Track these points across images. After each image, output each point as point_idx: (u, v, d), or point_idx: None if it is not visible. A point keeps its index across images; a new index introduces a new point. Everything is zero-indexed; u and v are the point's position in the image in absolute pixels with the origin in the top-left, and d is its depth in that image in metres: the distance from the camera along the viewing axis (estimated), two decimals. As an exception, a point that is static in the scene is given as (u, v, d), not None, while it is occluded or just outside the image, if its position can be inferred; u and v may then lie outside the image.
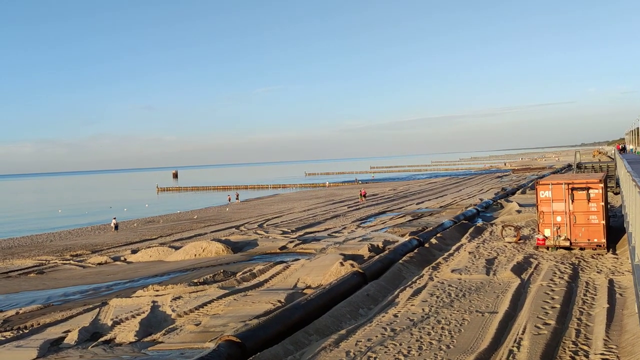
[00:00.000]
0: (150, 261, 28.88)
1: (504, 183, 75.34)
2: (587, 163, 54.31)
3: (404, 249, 22.38)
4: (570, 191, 21.17)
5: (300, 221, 44.01)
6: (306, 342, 12.52)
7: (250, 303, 17.24)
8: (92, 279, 25.13)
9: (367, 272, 18.24)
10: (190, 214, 61.47)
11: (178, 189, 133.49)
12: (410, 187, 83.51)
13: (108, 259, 30.22)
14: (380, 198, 64.05)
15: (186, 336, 14.31)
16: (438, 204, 49.32)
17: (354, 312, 14.80)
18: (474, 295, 15.55)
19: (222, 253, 27.95)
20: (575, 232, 21.12)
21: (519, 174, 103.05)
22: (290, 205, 62.98)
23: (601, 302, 13.99)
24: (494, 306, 14.33)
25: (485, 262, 19.74)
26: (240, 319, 15.53)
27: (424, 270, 19.61)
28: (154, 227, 49.06)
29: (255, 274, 22.19)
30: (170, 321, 16.62)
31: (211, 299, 18.31)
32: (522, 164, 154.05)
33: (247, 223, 46.17)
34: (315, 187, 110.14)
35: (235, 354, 10.88)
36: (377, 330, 12.91)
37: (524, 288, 16.02)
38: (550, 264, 19.02)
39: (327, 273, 20.24)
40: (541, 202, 21.71)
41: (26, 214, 79.54)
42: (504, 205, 42.34)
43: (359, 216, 44.18)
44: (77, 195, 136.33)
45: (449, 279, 17.68)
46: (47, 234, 49.30)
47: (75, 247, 38.33)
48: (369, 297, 16.06)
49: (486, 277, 17.52)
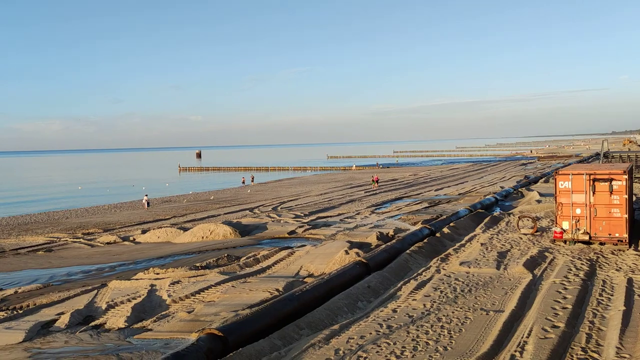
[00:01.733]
0: (157, 242, 28.50)
1: (527, 171, 73.46)
2: (616, 152, 52.31)
3: (414, 238, 21.48)
4: (591, 182, 19.96)
5: (315, 205, 43.32)
6: (296, 337, 11.81)
7: (248, 291, 16.62)
8: (98, 259, 24.84)
9: (371, 262, 17.43)
10: (207, 195, 61.31)
11: (200, 169, 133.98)
12: (432, 172, 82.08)
13: (117, 238, 29.95)
14: (399, 183, 62.96)
15: (175, 324, 13.74)
16: (457, 191, 48.09)
17: (352, 305, 14.05)
18: (481, 291, 14.64)
19: (229, 236, 27.41)
20: (595, 225, 19.95)
21: (544, 161, 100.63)
22: (308, 189, 62.30)
23: (617, 304, 12.98)
24: (501, 304, 13.42)
25: (497, 255, 18.75)
26: (234, 307, 14.92)
27: (432, 261, 18.72)
28: (169, 207, 48.93)
29: (258, 259, 21.58)
30: (164, 307, 16.10)
31: (209, 284, 17.75)
32: (549, 152, 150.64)
33: (261, 205, 45.65)
34: (337, 170, 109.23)
35: (215, 349, 10.23)
36: (372, 327, 12.14)
37: (535, 285, 15.04)
38: (566, 259, 17.96)
39: (331, 261, 19.50)
40: (560, 193, 20.55)
41: (47, 190, 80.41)
42: (525, 194, 40.95)
43: (374, 202, 43.27)
44: (101, 173, 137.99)
45: (457, 272, 16.78)
46: (64, 211, 49.56)
47: (89, 225, 38.28)
48: (370, 289, 15.28)
49: (496, 272, 16.57)
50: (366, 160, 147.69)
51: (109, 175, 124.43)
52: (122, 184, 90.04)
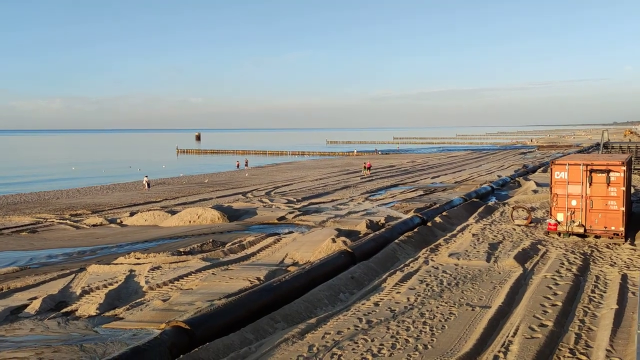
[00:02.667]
0: (144, 225, 27.89)
1: (526, 160, 72.76)
2: (616, 143, 51.48)
3: (404, 227, 20.85)
4: (588, 173, 19.27)
5: (309, 190, 42.69)
6: (270, 331, 11.21)
7: (228, 279, 16.01)
8: (81, 242, 24.24)
9: (357, 252, 16.81)
10: (202, 178, 60.70)
11: (198, 152, 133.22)
12: (430, 159, 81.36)
13: (104, 220, 29.35)
14: (396, 170, 62.28)
15: (147, 314, 13.14)
16: (454, 179, 47.43)
17: (333, 297, 13.44)
18: (469, 285, 14.03)
19: (217, 221, 26.78)
20: (591, 218, 19.30)
21: (544, 151, 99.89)
22: (304, 174, 61.66)
23: (610, 302, 12.37)
24: (488, 299, 12.81)
25: (488, 246, 18.11)
26: (211, 296, 14.31)
27: (420, 252, 18.10)
28: (162, 189, 48.32)
29: (244, 245, 20.97)
30: (140, 294, 15.51)
31: (189, 271, 17.15)
32: (549, 141, 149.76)
33: (255, 190, 45.03)
34: (335, 155, 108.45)
35: (180, 343, 9.62)
36: (351, 321, 11.53)
37: (525, 279, 14.42)
38: (559, 252, 17.33)
39: (317, 249, 18.89)
40: (555, 184, 19.86)
41: (40, 170, 79.70)
42: (522, 183, 40.28)
43: (369, 188, 42.61)
44: (98, 154, 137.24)
45: (445, 264, 16.16)
46: (55, 192, 48.94)
47: (78, 206, 37.67)
48: (353, 280, 14.67)
49: (486, 265, 15.95)
50: (366, 146, 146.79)
51: (106, 156, 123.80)
52: (119, 165, 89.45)
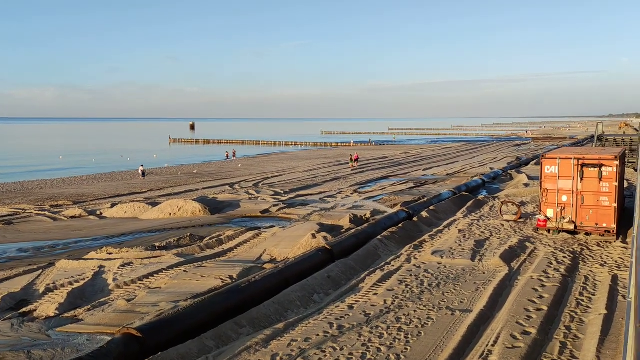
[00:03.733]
0: (123, 217, 27.03)
1: (520, 152, 72.06)
2: (610, 136, 50.80)
3: (388, 222, 20.06)
4: (579, 168, 18.50)
5: (298, 182, 41.87)
6: (233, 337, 10.42)
7: (199, 277, 15.22)
8: (55, 235, 23.37)
9: (337, 249, 16.02)
10: (191, 168, 59.83)
11: (190, 141, 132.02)
12: (424, 151, 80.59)
13: (83, 212, 28.46)
14: (388, 162, 61.49)
15: (107, 316, 12.33)
16: (446, 171, 46.67)
17: (306, 299, 12.66)
18: (450, 285, 13.27)
19: (198, 214, 25.95)
20: (581, 214, 18.55)
21: (539, 143, 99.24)
22: (295, 164, 60.82)
23: (598, 306, 11.63)
24: (470, 302, 12.05)
25: (474, 243, 17.35)
26: (179, 296, 13.53)
27: (404, 249, 17.33)
28: (148, 180, 47.41)
29: (222, 240, 20.16)
30: (106, 292, 14.71)
31: (161, 268, 16.35)
32: (544, 133, 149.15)
33: (243, 181, 44.19)
34: (329, 145, 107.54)
35: (129, 353, 8.82)
36: (321, 326, 10.75)
37: (511, 280, 13.67)
38: (547, 250, 16.58)
39: (296, 245, 18.09)
40: (546, 178, 19.09)
41: (27, 160, 78.54)
42: (514, 176, 39.54)
43: (359, 180, 41.83)
44: (91, 143, 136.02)
45: (428, 263, 15.39)
46: (40, 181, 47.97)
47: (61, 196, 36.76)
48: (330, 279, 13.89)
49: (470, 263, 15.19)
50: (360, 137, 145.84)
51: (98, 145, 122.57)
52: (110, 154, 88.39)
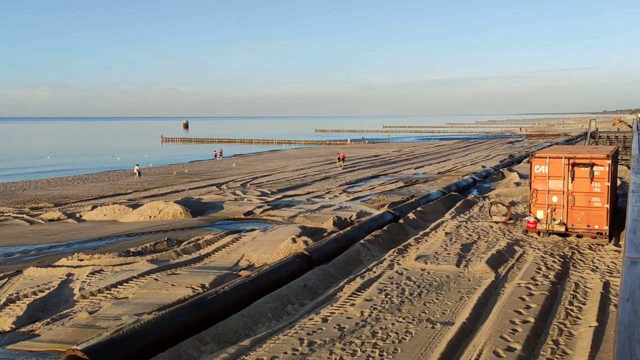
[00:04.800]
0: (102, 220, 26.18)
1: (514, 149, 71.42)
2: (604, 132, 50.23)
3: (373, 225, 19.30)
4: (570, 167, 17.77)
5: (287, 182, 41.09)
6: (194, 356, 9.63)
7: (170, 286, 14.41)
8: (29, 239, 22.50)
9: (316, 254, 15.24)
10: (181, 167, 59.03)
11: (183, 140, 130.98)
12: (417, 149, 79.87)
13: (62, 215, 27.58)
14: (380, 160, 60.75)
15: (64, 331, 11.50)
16: (437, 170, 45.96)
17: (279, 310, 11.87)
18: (433, 295, 12.50)
19: (179, 216, 25.12)
20: (572, 215, 17.83)
21: (533, 140, 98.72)
22: (286, 163, 60.03)
23: (589, 317, 10.88)
24: (452, 314, 11.28)
25: (460, 247, 16.59)
26: (145, 308, 12.72)
27: (387, 253, 16.56)
28: (134, 180, 46.55)
29: (200, 245, 19.36)
30: (70, 303, 13.90)
31: (131, 276, 15.53)
32: (538, 130, 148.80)
33: (231, 181, 43.38)
34: (321, 144, 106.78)
35: (73, 378, 8.03)
36: (290, 343, 9.97)
37: (497, 288, 12.91)
38: (537, 254, 15.84)
39: (275, 250, 17.31)
40: (535, 179, 18.36)
41: (16, 159, 77.42)
42: (506, 175, 38.83)
43: (349, 179, 41.07)
44: (82, 142, 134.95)
45: (411, 269, 14.63)
46: (24, 182, 47.04)
47: (43, 198, 35.89)
48: (306, 289, 13.11)
49: (455, 269, 14.42)
50: (354, 134, 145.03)
51: (90, 145, 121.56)
52: (101, 154, 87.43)
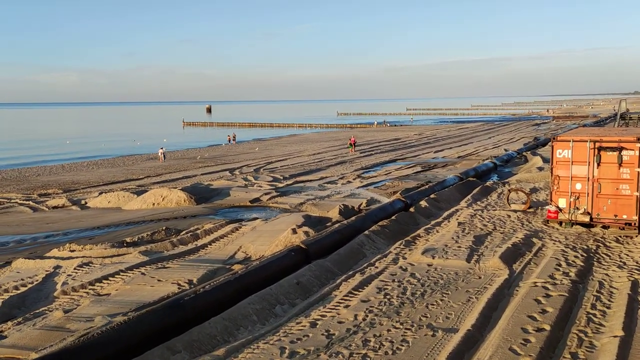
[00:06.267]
0: (106, 208, 25.41)
1: (539, 132, 69.01)
2: (634, 113, 47.98)
3: (381, 214, 18.04)
4: (596, 151, 16.23)
5: (301, 166, 40.00)
6: (161, 366, 8.59)
7: (156, 281, 13.43)
8: (27, 228, 21.82)
9: (314, 247, 14.08)
10: (197, 152, 58.49)
11: (204, 124, 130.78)
12: (439, 132, 77.90)
13: (66, 202, 26.93)
14: (400, 143, 59.17)
15: (30, 334, 10.56)
16: (457, 154, 44.29)
17: (266, 312, 10.76)
18: (438, 295, 11.25)
19: (183, 203, 24.19)
20: (598, 204, 16.32)
21: (560, 122, 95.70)
22: (303, 147, 58.92)
23: (613, 325, 9.53)
24: (457, 319, 10.03)
25: (472, 239, 15.24)
26: (124, 306, 11.74)
27: (393, 246, 15.31)
28: (149, 165, 46.03)
29: (198, 235, 18.36)
30: (50, 300, 13.01)
31: (118, 269, 14.59)
32: (565, 111, 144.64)
33: (245, 166, 42.48)
34: (342, 127, 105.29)
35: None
36: (269, 353, 8.86)
37: (510, 288, 11.59)
38: (557, 248, 14.42)
39: (274, 242, 16.19)
40: (557, 164, 16.85)
41: (37, 144, 77.77)
42: (529, 158, 37.03)
43: (365, 164, 39.76)
44: (105, 126, 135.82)
45: (417, 264, 13.37)
46: (38, 168, 46.87)
47: (54, 184, 35.46)
48: (299, 287, 11.97)
49: (465, 265, 13.13)
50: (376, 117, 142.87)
51: (112, 129, 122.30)
52: (122, 138, 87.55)
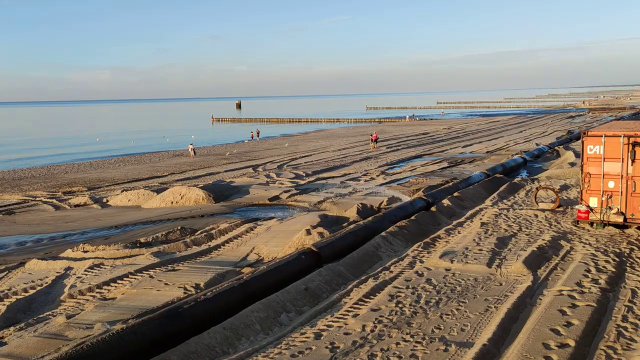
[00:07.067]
0: (125, 206, 25.28)
1: (573, 125, 66.83)
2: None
3: (400, 213, 17.31)
4: (631, 147, 15.17)
5: (325, 163, 39.43)
6: (153, 381, 8.12)
7: (163, 285, 13.04)
8: (47, 227, 21.80)
9: (326, 250, 13.48)
10: (225, 148, 58.51)
11: (233, 120, 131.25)
12: (468, 125, 76.27)
13: (88, 200, 26.92)
14: (428, 138, 58.01)
15: (29, 341, 10.24)
16: (486, 149, 43.02)
17: (270, 321, 10.21)
18: (454, 304, 10.52)
19: (201, 202, 23.87)
20: (633, 204, 15.27)
21: (596, 114, 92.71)
22: (329, 143, 58.33)
23: (646, 340, 8.67)
24: (473, 331, 9.30)
25: (495, 242, 14.40)
26: (127, 312, 11.37)
27: (411, 248, 14.58)
28: (174, 162, 46.05)
29: (212, 235, 17.96)
30: (56, 303, 12.75)
31: (127, 272, 14.28)
32: (602, 103, 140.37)
33: (269, 162, 42.09)
34: (370, 122, 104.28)
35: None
36: (268, 367, 8.30)
37: (533, 297, 10.78)
38: (586, 252, 13.49)
39: (287, 243, 15.65)
40: (588, 161, 15.85)
41: (68, 141, 79.04)
42: (561, 153, 35.62)
43: (391, 159, 38.93)
44: (135, 123, 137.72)
45: (434, 268, 12.64)
46: (66, 165, 47.37)
47: (80, 181, 35.68)
48: (307, 293, 11.39)
49: (485, 270, 12.33)
50: (406, 111, 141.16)
51: (142, 126, 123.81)
52: (152, 135, 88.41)
